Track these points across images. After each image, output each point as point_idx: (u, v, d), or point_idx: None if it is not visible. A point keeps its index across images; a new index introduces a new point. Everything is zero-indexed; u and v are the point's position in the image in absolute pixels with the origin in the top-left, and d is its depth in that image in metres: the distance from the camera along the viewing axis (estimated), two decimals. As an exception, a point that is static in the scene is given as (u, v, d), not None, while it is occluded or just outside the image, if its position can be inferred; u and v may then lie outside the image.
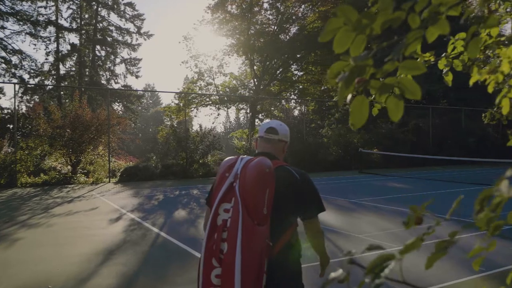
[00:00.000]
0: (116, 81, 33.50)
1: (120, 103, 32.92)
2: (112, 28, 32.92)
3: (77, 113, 15.04)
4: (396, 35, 0.78)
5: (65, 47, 30.80)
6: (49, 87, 30.83)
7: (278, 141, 2.02)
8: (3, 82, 28.68)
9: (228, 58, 30.39)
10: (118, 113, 24.58)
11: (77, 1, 30.64)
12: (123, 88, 33.14)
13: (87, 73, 32.01)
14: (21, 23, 28.23)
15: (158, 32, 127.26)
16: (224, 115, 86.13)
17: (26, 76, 28.83)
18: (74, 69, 31.78)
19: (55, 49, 30.15)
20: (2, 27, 27.69)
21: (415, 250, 0.62)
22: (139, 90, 42.07)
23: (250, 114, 27.10)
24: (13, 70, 27.98)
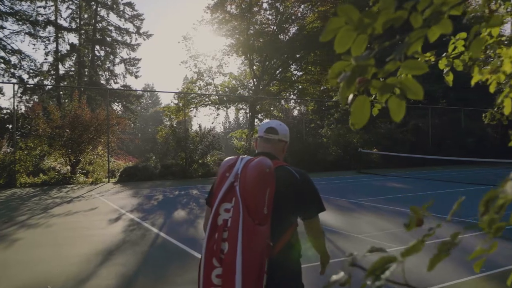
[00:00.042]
0: (116, 81, 33.52)
1: (120, 103, 32.89)
2: (111, 28, 32.92)
3: (76, 113, 15.03)
4: (396, 35, 0.77)
5: (64, 47, 30.82)
6: (48, 87, 30.82)
7: (278, 141, 2.02)
8: (2, 82, 28.72)
9: (228, 58, 30.39)
10: (117, 113, 24.54)
11: (76, 1, 30.61)
12: (122, 88, 33.12)
13: (86, 73, 31.97)
14: (20, 23, 28.20)
15: (158, 32, 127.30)
16: (223, 115, 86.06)
17: (25, 76, 28.84)
18: (73, 69, 31.75)
19: (54, 49, 30.13)
20: (1, 27, 27.66)
21: (417, 253, 0.61)
22: (139, 90, 42.05)
23: (249, 114, 27.09)
24: (12, 70, 27.95)
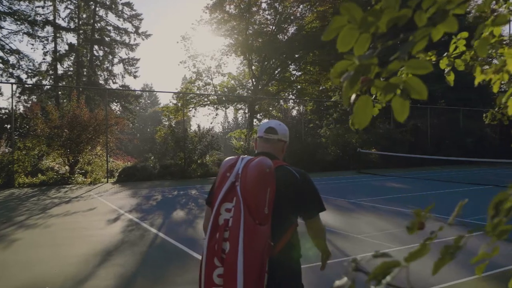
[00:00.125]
0: (114, 81, 33.45)
1: (118, 103, 32.83)
2: (110, 28, 32.86)
3: (75, 113, 15.00)
4: (398, 34, 0.76)
5: (62, 47, 30.74)
6: (47, 87, 30.75)
7: (278, 141, 2.02)
8: (1, 82, 28.64)
9: (226, 58, 30.32)
10: (116, 113, 24.53)
11: (75, 1, 30.54)
12: (121, 88, 33.06)
13: (85, 73, 31.90)
14: (18, 22, 28.12)
15: (156, 32, 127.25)
16: (222, 115, 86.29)
17: (23, 76, 28.77)
18: (72, 69, 31.67)
19: (53, 49, 30.06)
20: (0, 27, 27.61)
21: (421, 257, 0.60)
22: (137, 90, 41.96)
23: (248, 114, 27.06)
24: (10, 70, 27.88)
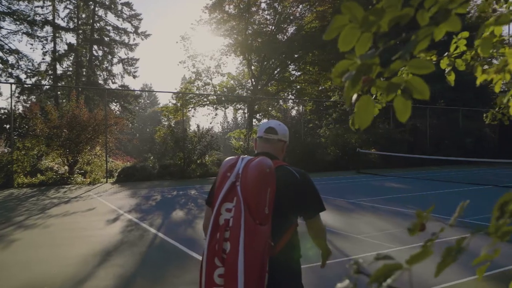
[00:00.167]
0: (114, 81, 33.42)
1: (118, 103, 32.79)
2: (109, 28, 32.83)
3: (74, 113, 14.98)
4: (397, 34, 0.75)
5: (62, 47, 30.70)
6: (46, 87, 30.70)
7: (278, 141, 2.02)
8: (0, 82, 28.52)
9: (226, 58, 30.29)
10: (115, 113, 24.46)
11: (74, 1, 30.51)
12: (120, 88, 33.02)
13: (84, 73, 31.87)
14: (17, 22, 28.09)
15: (156, 32, 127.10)
16: (221, 115, 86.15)
17: (23, 76, 28.73)
18: (71, 69, 31.64)
19: (52, 49, 30.03)
20: (-1, 27, 27.59)
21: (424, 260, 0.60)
22: (137, 90, 41.97)
23: (247, 114, 27.05)
24: (9, 70, 27.84)
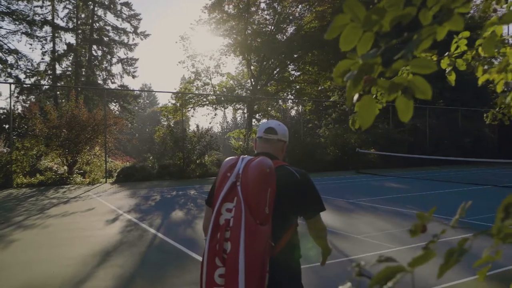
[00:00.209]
0: (113, 81, 33.41)
1: (117, 103, 32.78)
2: (108, 28, 32.82)
3: (74, 113, 14.97)
4: (398, 33, 0.75)
5: (61, 47, 30.68)
6: (45, 87, 30.67)
7: (277, 141, 2.02)
8: (-1, 82, 28.50)
9: (225, 58, 30.28)
10: (114, 113, 24.43)
11: (73, 1, 30.49)
12: (119, 88, 33.00)
13: (83, 73, 31.85)
14: (17, 22, 28.07)
15: (155, 32, 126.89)
16: (221, 115, 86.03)
17: (22, 76, 28.72)
18: (70, 69, 31.61)
19: (51, 49, 30.00)
20: (-2, 27, 27.57)
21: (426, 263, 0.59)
22: (136, 90, 42.00)
23: (247, 114, 27.04)
24: (9, 70, 27.81)
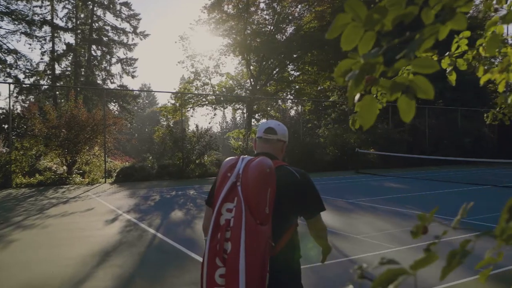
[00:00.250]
0: (112, 81, 33.41)
1: (116, 103, 32.76)
2: (108, 28, 32.81)
3: (73, 113, 14.96)
4: (400, 33, 0.74)
5: (60, 47, 30.67)
6: (45, 87, 30.65)
7: (277, 141, 2.03)
8: (-2, 82, 28.50)
9: (225, 58, 30.32)
10: (114, 113, 24.41)
11: (72, 1, 30.47)
12: (119, 88, 32.98)
13: (82, 73, 31.83)
14: (16, 22, 28.05)
15: (154, 32, 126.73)
16: (220, 115, 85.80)
17: (21, 76, 28.69)
18: (69, 69, 31.59)
19: (51, 48, 29.98)
20: (-3, 27, 27.54)
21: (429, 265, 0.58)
22: (135, 90, 41.95)
23: (246, 114, 27.05)
24: (8, 70, 27.80)
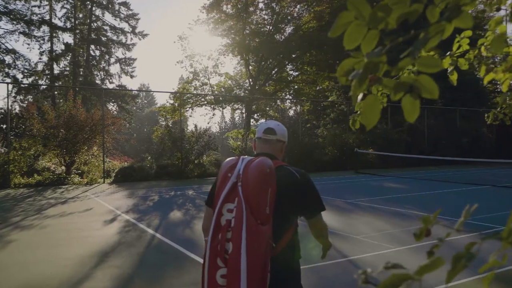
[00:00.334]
0: (111, 81, 33.34)
1: (115, 103, 32.70)
2: (106, 28, 32.74)
3: (71, 113, 14.92)
4: (402, 32, 0.73)
5: (59, 47, 30.60)
6: (43, 87, 30.59)
7: (277, 141, 2.03)
8: (-3, 81, 28.42)
9: (223, 58, 30.26)
10: (112, 113, 24.41)
11: (71, 1, 30.40)
12: (117, 88, 32.93)
13: (81, 73, 31.77)
14: (14, 22, 27.97)
15: (153, 31, 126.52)
16: (219, 115, 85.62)
17: (19, 76, 28.60)
18: (68, 68, 31.53)
19: (49, 48, 29.92)
20: (-5, 26, 27.48)
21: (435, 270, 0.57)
22: (134, 90, 41.84)
23: (245, 114, 27.06)
24: (6, 70, 27.73)
